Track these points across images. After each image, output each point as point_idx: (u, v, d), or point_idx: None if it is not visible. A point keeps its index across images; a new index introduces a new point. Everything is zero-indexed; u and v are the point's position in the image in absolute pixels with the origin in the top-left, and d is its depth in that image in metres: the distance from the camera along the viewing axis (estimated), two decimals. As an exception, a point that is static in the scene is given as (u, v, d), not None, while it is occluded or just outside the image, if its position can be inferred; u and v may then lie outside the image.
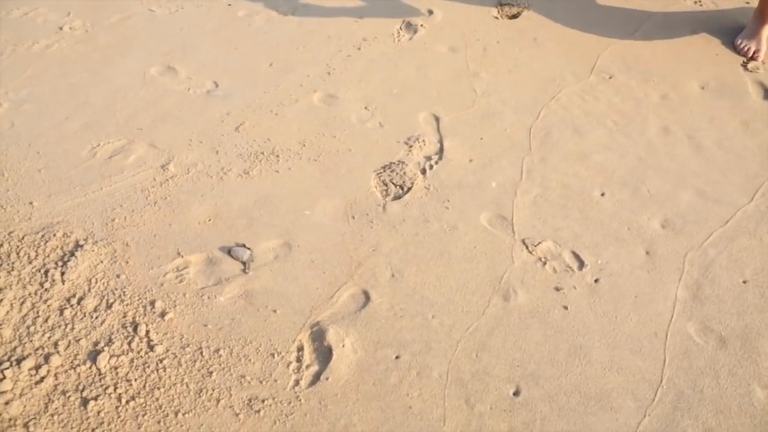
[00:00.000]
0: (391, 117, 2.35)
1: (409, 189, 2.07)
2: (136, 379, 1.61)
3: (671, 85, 2.51)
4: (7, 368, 1.60)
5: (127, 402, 1.56)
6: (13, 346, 1.65)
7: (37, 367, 1.61)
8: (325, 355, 1.66)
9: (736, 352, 1.68)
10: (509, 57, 2.65)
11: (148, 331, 1.70)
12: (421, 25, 2.80)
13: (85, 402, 1.56)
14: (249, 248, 1.88)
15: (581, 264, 1.88)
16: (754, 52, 2.61)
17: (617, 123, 2.34)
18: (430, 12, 2.91)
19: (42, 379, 1.59)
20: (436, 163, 2.17)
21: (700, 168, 2.18)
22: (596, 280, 1.84)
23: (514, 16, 2.89)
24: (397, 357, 1.66)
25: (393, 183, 2.09)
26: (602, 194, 2.08)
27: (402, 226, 1.96)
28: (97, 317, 1.73)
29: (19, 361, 1.62)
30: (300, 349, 1.68)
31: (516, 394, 1.59)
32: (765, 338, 1.71)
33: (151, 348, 1.67)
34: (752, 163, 2.20)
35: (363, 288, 1.80)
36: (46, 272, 1.82)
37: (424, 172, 2.13)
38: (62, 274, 1.83)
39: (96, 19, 2.87)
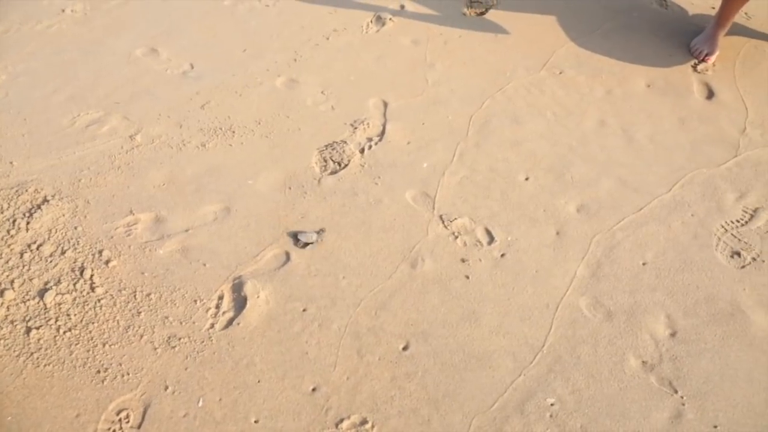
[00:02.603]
0: (343, 101, 2.53)
1: (346, 165, 2.25)
2: (75, 314, 1.83)
3: (618, 81, 2.62)
4: (-33, 297, 1.85)
5: (65, 333, 1.79)
6: (-24, 280, 1.90)
7: (-7, 299, 1.86)
8: (241, 304, 1.85)
9: (620, 325, 1.80)
10: (467, 50, 2.79)
11: (92, 275, 1.93)
12: (390, 19, 2.96)
13: (28, 330, 1.79)
14: (318, 231, 2.02)
15: (491, 239, 2.02)
16: (705, 55, 2.68)
17: (557, 114, 2.46)
18: (402, 7, 3.07)
19: (-4, 309, 1.84)
20: (376, 144, 2.34)
21: (628, 159, 2.28)
22: (502, 255, 1.98)
23: (482, 14, 3.03)
24: (304, 310, 1.84)
25: (332, 160, 2.27)
26: (526, 178, 2.21)
27: (332, 198, 2.14)
28: (51, 261, 1.97)
29: (-22, 293, 1.87)
30: (220, 297, 1.88)
31: (405, 348, 1.76)
32: (651, 315, 1.82)
33: (93, 289, 1.89)
34: (680, 157, 2.29)
35: (286, 249, 1.99)
36: (14, 221, 2.07)
37: (362, 151, 2.30)
38: (27, 223, 2.07)
39: (96, 3, 3.14)
